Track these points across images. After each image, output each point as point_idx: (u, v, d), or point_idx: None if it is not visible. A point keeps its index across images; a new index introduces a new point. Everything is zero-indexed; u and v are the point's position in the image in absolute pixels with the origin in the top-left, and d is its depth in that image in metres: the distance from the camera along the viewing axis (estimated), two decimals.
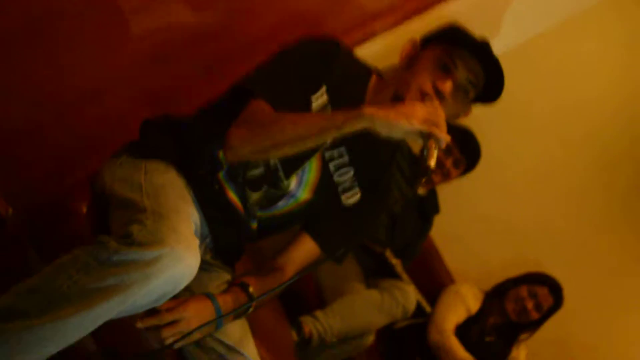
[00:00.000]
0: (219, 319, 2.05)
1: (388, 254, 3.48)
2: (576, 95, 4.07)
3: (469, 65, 2.11)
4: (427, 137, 1.85)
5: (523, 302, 3.74)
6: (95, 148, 2.54)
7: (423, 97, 2.06)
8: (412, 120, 1.84)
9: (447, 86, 2.08)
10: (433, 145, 1.85)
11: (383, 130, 1.86)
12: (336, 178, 2.24)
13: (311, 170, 2.20)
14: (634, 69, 4.07)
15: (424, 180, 1.93)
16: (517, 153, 4.12)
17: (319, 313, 3.14)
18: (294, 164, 2.15)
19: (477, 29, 2.13)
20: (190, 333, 1.98)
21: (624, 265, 4.23)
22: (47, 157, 2.55)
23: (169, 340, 2.00)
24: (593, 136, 4.14)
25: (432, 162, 1.86)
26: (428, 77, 2.10)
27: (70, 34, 2.28)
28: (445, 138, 1.86)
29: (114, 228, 1.88)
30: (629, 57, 4.05)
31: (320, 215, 2.31)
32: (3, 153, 2.52)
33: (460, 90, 2.12)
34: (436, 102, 1.99)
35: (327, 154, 2.19)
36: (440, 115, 1.89)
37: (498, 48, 2.17)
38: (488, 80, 2.15)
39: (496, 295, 3.83)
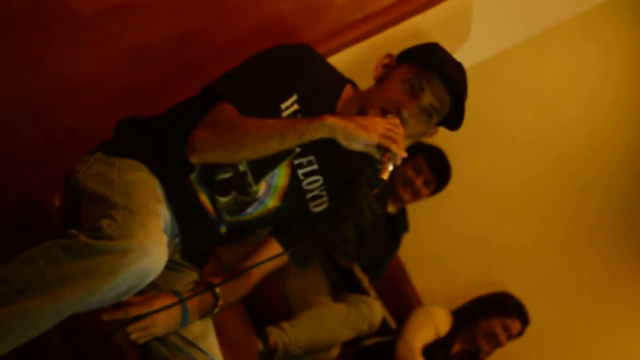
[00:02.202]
0: (185, 314, 2.08)
1: (356, 268, 3.49)
2: (550, 115, 4.10)
3: (435, 90, 2.13)
4: (383, 151, 1.91)
5: (496, 337, 3.76)
6: (69, 145, 2.55)
7: (385, 113, 2.09)
8: (371, 134, 1.89)
9: (406, 110, 2.11)
10: (387, 159, 1.90)
11: (343, 141, 1.91)
12: (305, 185, 2.26)
13: (280, 177, 2.22)
14: (609, 90, 4.12)
15: (375, 191, 1.98)
16: (488, 172, 4.12)
17: (285, 324, 3.15)
18: (263, 169, 2.17)
19: (451, 40, 2.16)
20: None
21: (590, 290, 4.25)
22: (20, 152, 2.56)
23: (134, 335, 2.03)
24: (566, 157, 4.17)
25: (385, 175, 1.92)
26: (393, 96, 2.13)
27: (52, 30, 2.30)
28: (401, 154, 1.91)
29: (85, 222, 1.91)
30: (603, 78, 4.10)
31: (288, 220, 2.35)
32: None
33: (424, 113, 2.15)
34: (396, 120, 2.01)
35: (296, 162, 2.21)
36: (399, 133, 1.94)
37: (472, 60, 2.20)
38: (453, 108, 2.17)
39: (466, 323, 3.84)
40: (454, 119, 2.19)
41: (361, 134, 1.89)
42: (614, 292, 4.27)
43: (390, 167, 1.91)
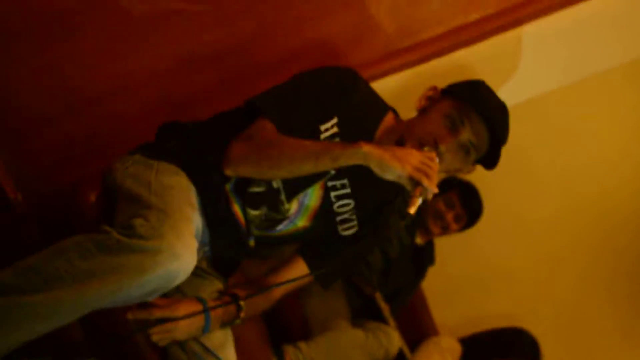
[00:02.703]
0: (207, 321, 2.09)
1: (378, 296, 3.48)
2: (584, 159, 4.07)
3: (476, 128, 2.13)
4: (415, 184, 1.90)
5: None
6: (108, 144, 2.60)
7: (422, 146, 2.09)
8: (405, 165, 1.88)
9: (444, 144, 2.10)
10: (418, 194, 1.89)
11: (376, 169, 1.91)
12: (336, 208, 2.26)
13: (312, 197, 2.23)
14: None
15: (402, 223, 1.98)
16: (518, 209, 4.09)
17: (302, 344, 3.14)
18: (296, 188, 2.18)
19: (497, 76, 2.16)
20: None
21: (614, 339, 4.22)
22: (60, 147, 2.60)
23: (155, 337, 2.05)
24: (595, 202, 4.14)
25: (412, 210, 1.90)
26: (432, 129, 2.13)
27: (98, 31, 2.35)
28: (432, 189, 1.89)
29: (118, 220, 1.92)
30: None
31: (315, 241, 2.35)
32: (18, 139, 2.58)
33: (462, 149, 2.14)
34: (433, 154, 2.01)
35: (330, 184, 2.22)
36: (433, 167, 1.93)
37: (516, 98, 2.20)
38: (491, 147, 2.17)
39: (476, 356, 3.83)
40: (491, 158, 2.19)
41: (395, 165, 1.88)
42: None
43: (420, 201, 1.90)
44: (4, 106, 2.49)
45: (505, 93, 2.38)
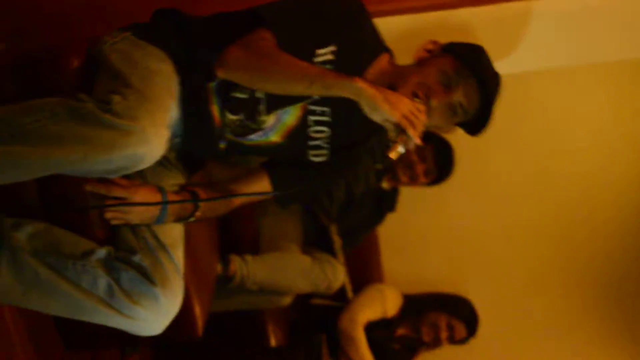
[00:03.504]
0: (163, 212, 2.10)
1: (332, 229, 3.52)
2: (565, 141, 4.08)
3: (469, 92, 2.13)
4: (400, 131, 1.90)
5: (438, 331, 3.81)
6: (103, 15, 2.58)
7: (413, 96, 2.08)
8: (395, 111, 1.88)
9: (435, 99, 2.10)
10: (400, 141, 1.90)
11: (365, 107, 1.91)
12: (311, 132, 2.26)
13: (291, 115, 2.22)
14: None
15: (379, 166, 1.98)
16: (492, 180, 4.10)
17: (249, 257, 3.18)
18: (278, 102, 2.17)
19: (499, 42, 2.14)
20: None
21: (549, 330, 4.28)
22: (56, 5, 2.57)
23: (109, 215, 2.06)
24: (570, 185, 4.16)
25: (393, 155, 1.92)
26: (427, 82, 2.12)
27: None
28: (415, 140, 1.90)
29: (96, 92, 1.92)
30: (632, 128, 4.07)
31: (283, 159, 2.36)
32: None
33: (450, 109, 2.14)
34: (423, 107, 2.00)
35: (311, 107, 2.21)
36: (420, 119, 1.93)
37: (507, 68, 2.19)
38: (478, 115, 2.18)
39: (414, 311, 3.89)
40: (476, 125, 2.20)
41: (385, 108, 1.88)
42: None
43: (401, 149, 1.91)
44: None
45: (502, 62, 2.37)
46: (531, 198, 4.18)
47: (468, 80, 2.13)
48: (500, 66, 2.26)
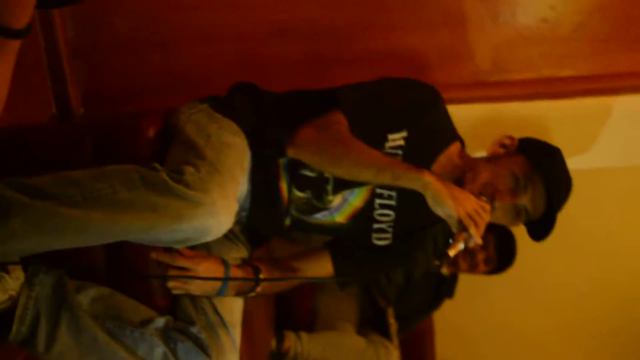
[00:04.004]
0: (224, 286, 2.10)
1: (389, 312, 3.49)
2: (626, 245, 4.02)
3: (535, 198, 2.11)
4: (462, 229, 1.90)
5: None
6: (180, 86, 2.64)
7: (480, 194, 2.07)
8: (459, 208, 1.89)
9: (500, 201, 2.09)
10: (461, 238, 1.89)
11: (430, 201, 1.91)
12: (376, 215, 2.25)
13: (357, 197, 2.22)
14: None
15: (437, 263, 1.98)
16: (552, 278, 4.06)
17: (304, 335, 3.16)
18: (345, 183, 2.16)
19: (573, 138, 2.12)
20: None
21: None
22: (135, 76, 2.65)
23: (171, 284, 2.06)
24: (624, 289, 4.09)
25: (452, 253, 1.91)
26: (495, 182, 2.11)
27: None
28: (476, 239, 1.89)
29: (170, 162, 1.94)
30: None
31: (346, 240, 2.35)
32: (99, 56, 2.62)
33: (514, 210, 2.13)
34: (488, 206, 1.99)
35: (378, 190, 2.21)
36: (484, 218, 1.93)
37: (578, 163, 2.17)
38: (542, 221, 2.15)
39: None
40: (539, 231, 2.17)
41: (449, 204, 1.89)
42: None
43: (461, 246, 1.90)
44: (96, 20, 2.53)
45: (575, 156, 2.35)
46: (582, 298, 4.12)
47: (537, 186, 2.11)
48: (573, 160, 2.24)
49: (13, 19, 0.98)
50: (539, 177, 2.11)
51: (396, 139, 2.15)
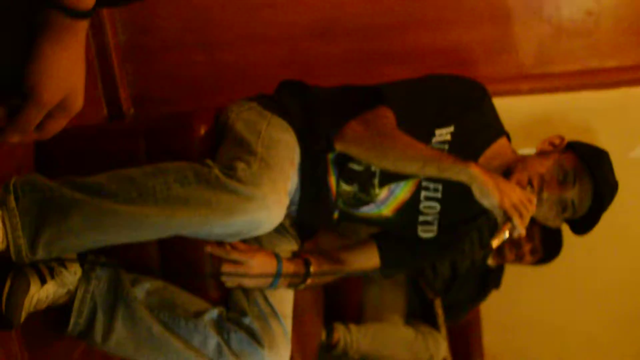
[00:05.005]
0: (276, 279, 2.15)
1: (437, 303, 3.50)
2: None
3: (583, 193, 2.14)
4: (506, 219, 1.92)
5: None
6: (228, 85, 2.70)
7: (527, 184, 2.10)
8: (504, 199, 1.91)
9: (548, 192, 2.12)
10: (505, 229, 1.92)
11: (476, 192, 1.95)
12: (422, 207, 2.27)
13: (403, 190, 2.25)
14: None
15: (482, 253, 1.99)
16: (599, 269, 4.02)
17: (353, 326, 3.20)
18: (391, 176, 2.20)
19: (614, 125, 2.13)
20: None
21: None
22: (184, 77, 2.72)
23: (225, 277, 2.11)
24: None
25: (495, 243, 1.94)
26: (543, 174, 2.13)
27: None
28: (521, 230, 1.92)
29: (221, 158, 1.99)
30: None
31: (393, 233, 2.39)
32: (148, 58, 2.69)
33: (560, 204, 2.15)
34: (533, 197, 2.01)
35: (424, 183, 2.24)
36: (530, 210, 1.95)
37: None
38: (586, 217, 2.17)
39: None
40: (582, 226, 2.20)
41: (495, 195, 1.92)
42: None
43: (505, 237, 1.93)
44: (145, 24, 2.60)
45: (617, 144, 2.35)
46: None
47: (584, 181, 2.14)
48: (619, 149, 2.25)
49: (81, 1, 1.00)
50: (587, 173, 2.14)
51: (443, 133, 2.18)
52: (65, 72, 1.05)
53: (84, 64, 1.09)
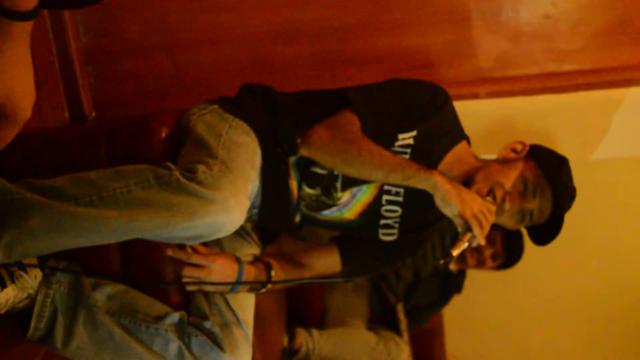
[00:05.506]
0: (237, 284, 2.14)
1: (399, 308, 3.51)
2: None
3: (543, 204, 2.17)
4: (467, 229, 1.98)
5: None
6: (190, 88, 2.68)
7: (487, 194, 2.12)
8: (465, 209, 1.96)
9: (509, 203, 2.15)
10: (465, 238, 1.97)
11: (437, 200, 2.00)
12: (383, 211, 2.29)
13: (365, 194, 2.26)
14: None
15: (441, 262, 2.04)
16: (559, 264, 4.06)
17: (315, 331, 3.19)
18: (354, 180, 2.20)
19: (572, 128, 2.16)
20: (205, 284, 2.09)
21: None
22: (144, 79, 2.70)
23: (186, 279, 2.10)
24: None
25: (456, 252, 1.98)
26: (504, 185, 2.16)
27: None
28: (480, 239, 1.97)
29: (182, 161, 1.98)
30: None
31: (354, 236, 2.40)
32: (109, 60, 2.67)
33: (520, 214, 2.18)
34: (493, 207, 2.05)
35: (386, 187, 2.25)
36: (489, 219, 2.00)
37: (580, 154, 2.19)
38: (546, 226, 2.21)
39: None
40: (541, 236, 2.23)
41: (457, 204, 1.97)
42: None
43: (465, 246, 1.98)
44: (106, 26, 2.58)
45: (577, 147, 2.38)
46: (601, 285, 4.10)
47: (546, 193, 2.17)
48: (574, 151, 2.26)
49: (19, 2, 0.94)
50: (549, 187, 2.17)
51: (406, 138, 2.19)
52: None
53: (28, 69, 1.03)
